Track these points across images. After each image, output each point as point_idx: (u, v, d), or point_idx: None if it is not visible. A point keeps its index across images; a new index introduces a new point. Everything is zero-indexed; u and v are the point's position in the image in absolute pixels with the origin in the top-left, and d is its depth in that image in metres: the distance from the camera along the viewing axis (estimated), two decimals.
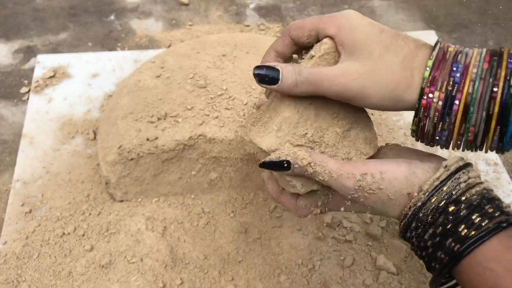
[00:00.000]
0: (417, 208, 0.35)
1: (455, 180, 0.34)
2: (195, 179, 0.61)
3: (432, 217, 0.34)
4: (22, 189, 0.63)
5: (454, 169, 0.35)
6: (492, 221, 0.32)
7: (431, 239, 0.34)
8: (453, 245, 0.33)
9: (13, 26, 0.89)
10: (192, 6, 0.95)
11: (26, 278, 0.54)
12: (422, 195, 0.35)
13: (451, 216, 0.33)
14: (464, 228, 0.32)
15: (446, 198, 0.34)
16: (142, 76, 0.65)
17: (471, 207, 0.33)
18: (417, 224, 0.35)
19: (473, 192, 0.34)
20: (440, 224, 0.34)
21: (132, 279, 0.53)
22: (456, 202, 0.33)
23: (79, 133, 0.70)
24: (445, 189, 0.34)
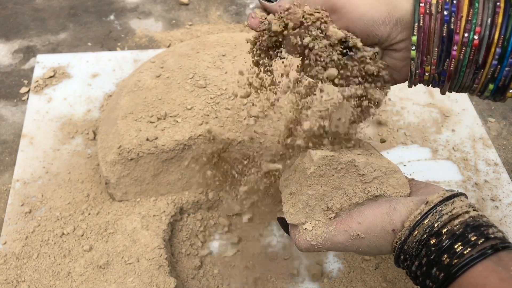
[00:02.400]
0: (401, 242, 0.36)
1: (436, 213, 0.35)
2: (195, 179, 0.61)
3: (416, 249, 0.35)
4: (22, 189, 0.63)
5: (437, 202, 0.36)
6: (475, 249, 0.33)
7: (418, 269, 0.35)
8: (438, 273, 0.34)
9: (13, 26, 0.89)
10: (192, 6, 0.95)
11: (26, 278, 0.54)
12: (405, 230, 0.36)
13: (433, 247, 0.34)
14: (447, 258, 0.33)
15: (427, 231, 0.35)
16: (142, 76, 0.65)
17: (454, 237, 0.34)
18: (405, 256, 0.36)
19: (455, 223, 0.34)
20: (424, 256, 0.35)
21: (129, 280, 0.53)
22: (438, 234, 0.34)
23: (79, 133, 0.70)
24: (426, 223, 0.35)
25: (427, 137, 0.71)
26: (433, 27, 0.34)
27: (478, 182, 0.66)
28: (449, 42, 0.34)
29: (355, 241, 0.38)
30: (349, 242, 0.38)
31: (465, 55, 0.34)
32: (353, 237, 0.38)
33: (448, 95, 0.77)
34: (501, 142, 0.73)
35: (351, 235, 0.38)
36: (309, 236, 0.39)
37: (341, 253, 0.58)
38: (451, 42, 0.34)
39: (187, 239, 0.59)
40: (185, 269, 0.57)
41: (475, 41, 0.33)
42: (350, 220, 0.38)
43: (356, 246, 0.38)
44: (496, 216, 0.62)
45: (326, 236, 0.39)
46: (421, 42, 0.35)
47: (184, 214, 0.61)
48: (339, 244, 0.39)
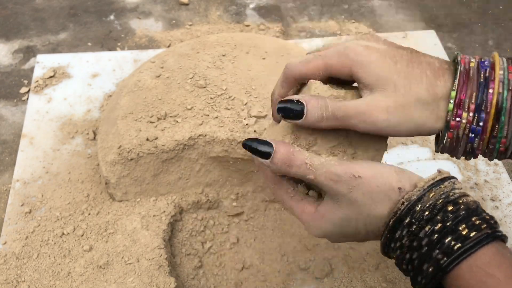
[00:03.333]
0: (412, 202, 0.33)
1: (451, 183, 0.34)
2: (195, 179, 0.61)
3: (430, 213, 0.32)
4: (22, 189, 0.63)
5: (448, 175, 0.35)
6: (489, 228, 0.32)
7: (427, 236, 0.32)
8: (453, 243, 0.31)
9: (13, 26, 0.89)
10: (192, 6, 0.95)
11: (26, 279, 0.54)
12: (417, 190, 0.33)
13: (451, 214, 0.32)
14: (465, 228, 0.31)
15: (443, 197, 0.33)
16: (142, 76, 0.65)
17: (469, 211, 0.32)
18: (411, 220, 0.33)
19: (469, 199, 0.33)
20: (439, 221, 0.32)
21: (129, 280, 0.53)
22: (455, 203, 0.32)
23: (79, 133, 0.70)
24: (442, 188, 0.33)
25: (427, 137, 0.71)
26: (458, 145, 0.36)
27: (478, 182, 0.66)
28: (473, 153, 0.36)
29: (353, 180, 0.34)
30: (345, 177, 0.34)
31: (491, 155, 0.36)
32: (352, 174, 0.34)
33: None
34: None
35: (350, 172, 0.34)
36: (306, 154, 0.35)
37: (341, 253, 0.58)
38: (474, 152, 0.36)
39: (187, 239, 0.59)
40: (185, 269, 0.57)
41: (501, 148, 0.35)
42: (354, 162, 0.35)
43: (350, 188, 0.34)
44: (496, 216, 0.62)
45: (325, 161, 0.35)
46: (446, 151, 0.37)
47: (184, 214, 0.61)
48: (333, 176, 0.34)
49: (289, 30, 0.90)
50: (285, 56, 0.67)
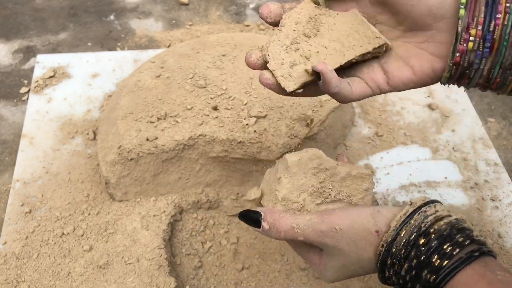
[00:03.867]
0: (388, 243, 0.35)
1: (421, 213, 0.35)
2: (195, 179, 0.61)
3: (405, 251, 0.34)
4: (22, 189, 0.63)
5: (420, 203, 0.35)
6: (463, 251, 0.33)
7: (408, 273, 0.34)
8: (429, 276, 0.33)
9: (13, 26, 0.89)
10: (192, 6, 0.95)
11: (26, 279, 0.54)
12: (391, 231, 0.35)
13: (422, 247, 0.33)
14: (437, 259, 0.33)
15: (415, 231, 0.34)
16: (142, 76, 0.65)
17: (442, 238, 0.33)
18: (392, 261, 0.35)
19: (441, 224, 0.34)
20: (414, 257, 0.34)
21: (129, 280, 0.53)
22: (426, 234, 0.34)
23: (79, 133, 0.70)
24: (413, 222, 0.35)
25: (427, 137, 0.71)
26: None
27: (478, 182, 0.66)
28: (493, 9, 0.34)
29: (336, 233, 0.37)
30: (329, 233, 0.37)
31: (508, 22, 0.33)
32: (334, 228, 0.37)
33: (448, 95, 0.77)
34: (501, 142, 0.73)
35: (333, 226, 0.37)
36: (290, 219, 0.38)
37: None
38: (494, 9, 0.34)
39: (187, 239, 0.59)
40: (185, 269, 0.57)
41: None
42: (333, 213, 0.37)
43: (335, 240, 0.37)
44: (496, 216, 0.62)
45: (309, 221, 0.38)
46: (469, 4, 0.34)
47: (184, 214, 0.61)
48: (319, 233, 0.37)
49: None
50: None
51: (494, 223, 0.62)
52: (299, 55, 0.38)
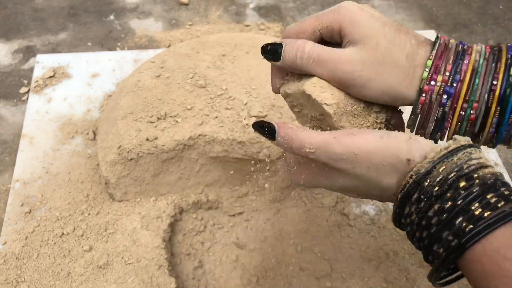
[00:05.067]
0: (420, 175, 0.30)
1: (466, 153, 0.30)
2: (195, 179, 0.61)
3: (440, 188, 0.30)
4: (21, 189, 0.63)
5: (465, 143, 0.31)
6: (509, 204, 0.28)
7: (436, 216, 0.29)
8: (465, 225, 0.28)
9: (13, 26, 0.89)
10: (192, 6, 0.95)
11: (26, 279, 0.54)
12: (426, 163, 0.30)
13: (462, 191, 0.29)
14: (479, 207, 0.28)
15: (456, 170, 0.30)
16: (142, 76, 0.65)
17: (485, 186, 0.29)
18: (420, 196, 0.30)
19: (486, 172, 0.30)
20: (449, 199, 0.29)
21: (129, 280, 0.53)
22: (468, 178, 0.29)
23: (79, 133, 0.70)
24: (455, 160, 0.30)
25: None
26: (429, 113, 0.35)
27: None
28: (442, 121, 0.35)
29: (354, 158, 0.32)
30: (346, 156, 0.32)
31: (461, 127, 0.34)
32: (352, 152, 0.32)
33: None
34: None
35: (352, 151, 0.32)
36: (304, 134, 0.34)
37: (341, 253, 0.58)
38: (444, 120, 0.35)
39: (187, 239, 0.59)
40: (185, 269, 0.57)
41: (471, 115, 0.34)
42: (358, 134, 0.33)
43: (352, 165, 0.33)
44: None
45: (323, 140, 0.33)
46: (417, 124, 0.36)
47: (184, 214, 0.61)
48: (333, 155, 0.33)
49: None
50: None
51: None
52: None
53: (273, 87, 0.40)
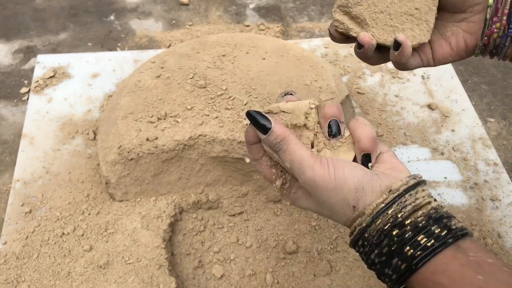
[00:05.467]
0: (362, 228, 0.36)
1: (400, 203, 0.35)
2: (195, 179, 0.61)
3: (378, 238, 0.35)
4: (22, 189, 0.63)
5: (402, 191, 0.35)
6: (438, 240, 0.33)
7: (377, 258, 0.35)
8: (400, 263, 0.33)
9: (13, 26, 0.89)
10: (192, 6, 0.95)
11: (26, 278, 0.54)
12: (366, 217, 0.35)
13: (396, 238, 0.34)
14: (410, 249, 0.33)
15: (391, 221, 0.35)
16: (142, 76, 0.65)
17: (417, 229, 0.34)
18: (364, 243, 0.36)
19: (418, 215, 0.34)
20: (386, 245, 0.34)
21: (129, 280, 0.53)
22: (401, 226, 0.34)
23: (79, 133, 0.70)
24: (390, 212, 0.35)
25: (427, 137, 0.71)
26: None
27: (478, 182, 0.66)
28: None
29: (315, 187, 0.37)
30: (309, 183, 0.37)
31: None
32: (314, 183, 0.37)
33: (448, 96, 0.77)
34: (501, 142, 0.73)
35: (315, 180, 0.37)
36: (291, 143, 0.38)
37: (341, 253, 0.58)
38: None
39: (187, 239, 0.59)
40: (185, 269, 0.57)
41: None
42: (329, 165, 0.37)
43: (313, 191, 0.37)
44: (496, 216, 0.62)
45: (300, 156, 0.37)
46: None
47: (184, 214, 0.61)
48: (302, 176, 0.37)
49: (289, 30, 0.90)
50: (285, 56, 0.67)
51: (494, 223, 0.62)
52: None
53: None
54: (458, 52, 0.44)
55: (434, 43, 0.45)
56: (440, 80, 0.80)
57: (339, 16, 0.44)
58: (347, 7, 0.43)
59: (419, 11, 0.41)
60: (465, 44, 0.44)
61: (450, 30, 0.44)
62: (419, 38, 0.42)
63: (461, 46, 0.44)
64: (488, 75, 0.83)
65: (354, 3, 0.42)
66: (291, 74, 0.64)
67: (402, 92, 0.78)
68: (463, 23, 0.43)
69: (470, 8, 0.42)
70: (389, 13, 0.41)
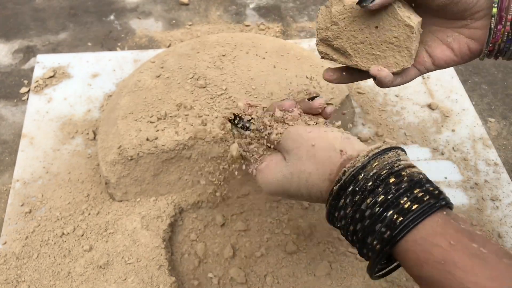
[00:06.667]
0: (356, 169, 0.33)
1: (395, 154, 0.34)
2: (195, 179, 0.61)
3: (373, 184, 0.32)
4: (22, 189, 0.63)
5: (394, 145, 0.35)
6: (432, 198, 0.32)
7: (369, 209, 0.32)
8: (396, 217, 0.31)
9: (13, 26, 0.89)
10: (192, 6, 0.95)
11: (26, 279, 0.54)
12: (362, 157, 0.34)
13: (393, 186, 0.32)
14: (407, 201, 0.31)
15: (387, 168, 0.33)
16: (142, 76, 0.65)
17: (412, 182, 0.32)
18: (355, 189, 0.33)
19: (413, 171, 0.33)
20: (381, 193, 0.32)
21: (129, 280, 0.53)
22: (397, 175, 0.33)
23: (79, 133, 0.70)
24: (386, 158, 0.33)
25: (427, 137, 0.71)
26: None
27: (478, 182, 0.66)
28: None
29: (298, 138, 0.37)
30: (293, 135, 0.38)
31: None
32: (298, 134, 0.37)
33: (448, 95, 0.77)
34: (501, 142, 0.73)
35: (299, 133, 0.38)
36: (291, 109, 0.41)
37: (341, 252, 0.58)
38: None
39: (187, 239, 0.59)
40: (185, 269, 0.57)
41: None
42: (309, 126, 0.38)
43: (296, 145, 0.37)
44: (496, 216, 0.62)
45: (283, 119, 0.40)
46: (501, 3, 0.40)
47: (184, 214, 0.61)
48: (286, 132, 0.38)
49: (289, 30, 0.90)
50: (285, 56, 0.67)
51: (494, 223, 0.62)
52: None
53: None
54: (462, 57, 0.44)
55: (434, 50, 0.44)
56: (440, 80, 0.80)
57: (323, 48, 0.45)
58: (328, 41, 0.44)
59: (398, 39, 0.41)
60: (469, 49, 0.43)
61: (452, 36, 0.44)
62: (402, 64, 0.42)
63: (465, 52, 0.44)
64: (488, 75, 0.83)
65: (334, 37, 0.43)
66: (291, 74, 0.64)
67: (402, 92, 0.78)
68: (465, 29, 0.43)
69: (471, 16, 0.42)
70: (370, 43, 0.42)
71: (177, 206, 0.60)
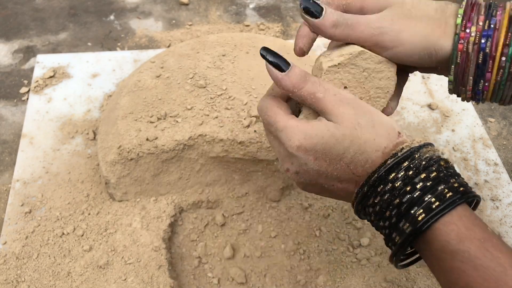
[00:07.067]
0: (413, 148, 0.35)
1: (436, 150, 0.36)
2: (195, 179, 0.61)
3: (427, 163, 0.35)
4: (22, 189, 0.63)
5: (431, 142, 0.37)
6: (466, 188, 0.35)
7: (422, 181, 0.34)
8: (446, 191, 0.33)
9: (13, 26, 0.89)
10: (192, 6, 0.95)
11: (26, 279, 0.54)
12: (417, 142, 0.36)
13: (443, 166, 0.35)
14: (455, 182, 0.34)
15: (437, 155, 0.35)
16: (142, 76, 0.65)
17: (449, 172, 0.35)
18: (409, 165, 0.34)
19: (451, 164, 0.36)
20: (435, 170, 0.34)
21: (129, 280, 0.53)
22: (446, 161, 0.36)
23: (79, 133, 0.70)
24: (432, 148, 0.36)
25: (427, 137, 0.71)
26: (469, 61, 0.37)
27: (478, 182, 0.66)
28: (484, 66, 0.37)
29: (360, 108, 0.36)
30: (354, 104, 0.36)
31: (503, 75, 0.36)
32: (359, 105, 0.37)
33: (448, 95, 0.77)
34: (501, 142, 0.73)
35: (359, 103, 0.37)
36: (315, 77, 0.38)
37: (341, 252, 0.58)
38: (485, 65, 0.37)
39: (187, 239, 0.59)
40: (185, 269, 0.57)
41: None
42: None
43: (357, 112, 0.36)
44: (496, 216, 0.62)
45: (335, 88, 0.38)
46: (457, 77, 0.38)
47: (184, 214, 0.61)
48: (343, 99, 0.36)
49: (289, 30, 0.90)
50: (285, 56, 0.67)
51: (494, 223, 0.62)
52: None
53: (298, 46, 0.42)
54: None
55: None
56: (440, 80, 0.80)
57: None
58: None
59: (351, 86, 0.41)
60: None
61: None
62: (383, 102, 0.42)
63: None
64: None
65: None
66: None
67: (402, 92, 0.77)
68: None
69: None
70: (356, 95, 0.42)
71: (177, 206, 0.60)
